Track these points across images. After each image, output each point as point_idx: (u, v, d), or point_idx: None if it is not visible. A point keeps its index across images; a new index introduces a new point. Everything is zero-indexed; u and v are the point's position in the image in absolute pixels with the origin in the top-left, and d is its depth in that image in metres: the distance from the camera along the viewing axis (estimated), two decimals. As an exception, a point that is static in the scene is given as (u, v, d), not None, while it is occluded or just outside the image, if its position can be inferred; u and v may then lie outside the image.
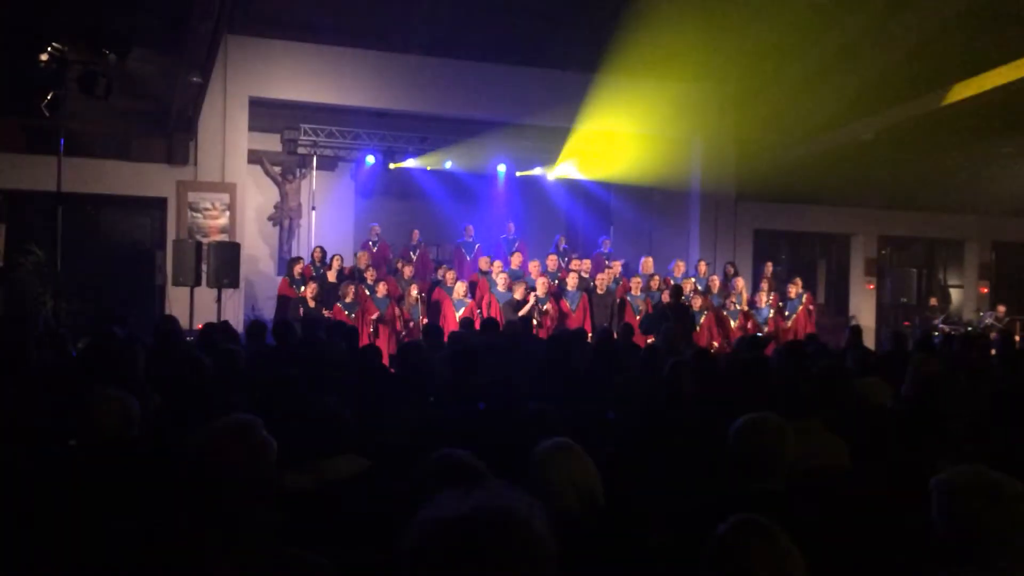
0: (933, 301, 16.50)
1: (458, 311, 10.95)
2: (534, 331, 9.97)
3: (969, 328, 14.63)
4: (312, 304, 10.71)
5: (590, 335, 10.04)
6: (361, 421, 3.90)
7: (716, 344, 11.27)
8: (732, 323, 11.91)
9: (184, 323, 9.61)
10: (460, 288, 11.22)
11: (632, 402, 4.44)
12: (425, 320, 10.83)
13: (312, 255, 12.59)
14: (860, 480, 3.33)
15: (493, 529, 1.27)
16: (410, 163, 15.19)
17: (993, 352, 8.68)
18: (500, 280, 11.21)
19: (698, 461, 3.47)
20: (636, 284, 11.89)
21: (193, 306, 10.97)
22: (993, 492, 2.25)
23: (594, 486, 2.78)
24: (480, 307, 11.18)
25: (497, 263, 12.19)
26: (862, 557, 2.66)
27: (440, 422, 4.21)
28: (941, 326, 14.87)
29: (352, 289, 10.97)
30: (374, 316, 10.75)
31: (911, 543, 2.54)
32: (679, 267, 13.04)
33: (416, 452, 2.79)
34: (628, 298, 11.73)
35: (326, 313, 10.65)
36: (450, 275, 11.73)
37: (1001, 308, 15.35)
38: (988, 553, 2.19)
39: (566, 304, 11.34)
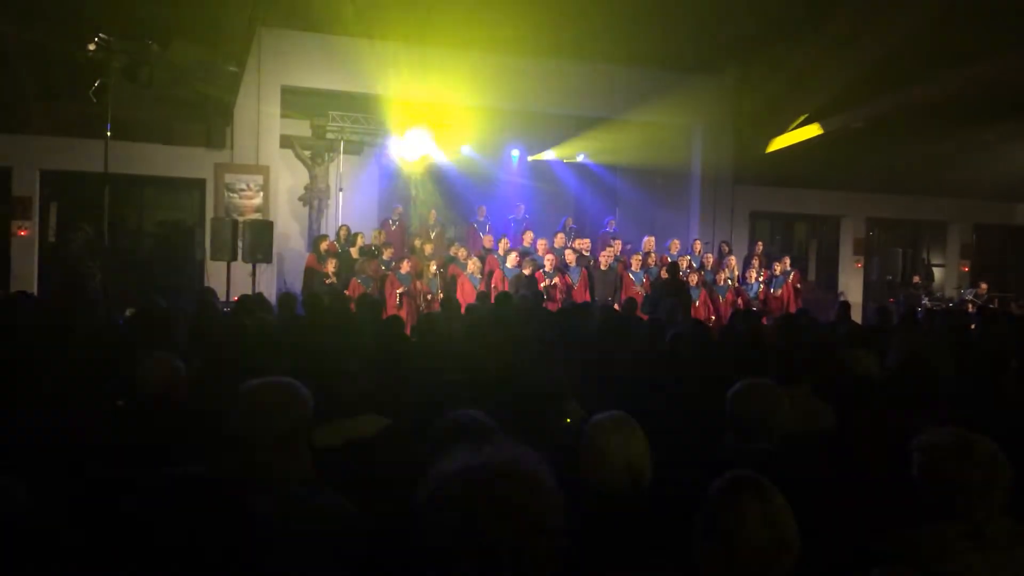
0: (916, 279, 16.38)
1: (475, 285, 11.01)
2: (545, 303, 9.99)
3: (950, 304, 14.53)
4: (334, 279, 10.74)
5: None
6: (383, 384, 3.91)
7: (712, 318, 11.25)
8: (721, 298, 11.91)
9: (221, 295, 9.65)
10: (473, 264, 11.27)
11: (638, 369, 4.43)
12: (442, 294, 10.89)
13: (338, 233, 12.61)
14: (846, 442, 3.32)
15: (502, 480, 1.27)
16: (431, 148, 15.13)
17: (972, 326, 8.63)
18: (510, 257, 11.25)
19: (696, 422, 3.47)
20: (636, 260, 11.88)
21: (230, 279, 11.01)
22: (968, 451, 2.24)
23: (645, 464, 2.62)
24: (491, 282, 11.22)
25: (504, 241, 12.21)
26: (848, 513, 2.65)
27: (455, 385, 4.22)
28: (924, 302, 14.76)
29: (370, 265, 11.01)
30: (400, 290, 10.83)
31: (893, 500, 2.53)
32: (675, 245, 13.02)
33: (433, 412, 2.80)
34: (629, 273, 11.73)
35: (347, 293, 10.70)
36: (462, 252, 11.78)
37: (983, 286, 15.24)
38: (964, 508, 2.18)
39: (568, 279, 11.37)
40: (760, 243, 14.00)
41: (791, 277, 12.63)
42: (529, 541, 1.26)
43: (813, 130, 13.51)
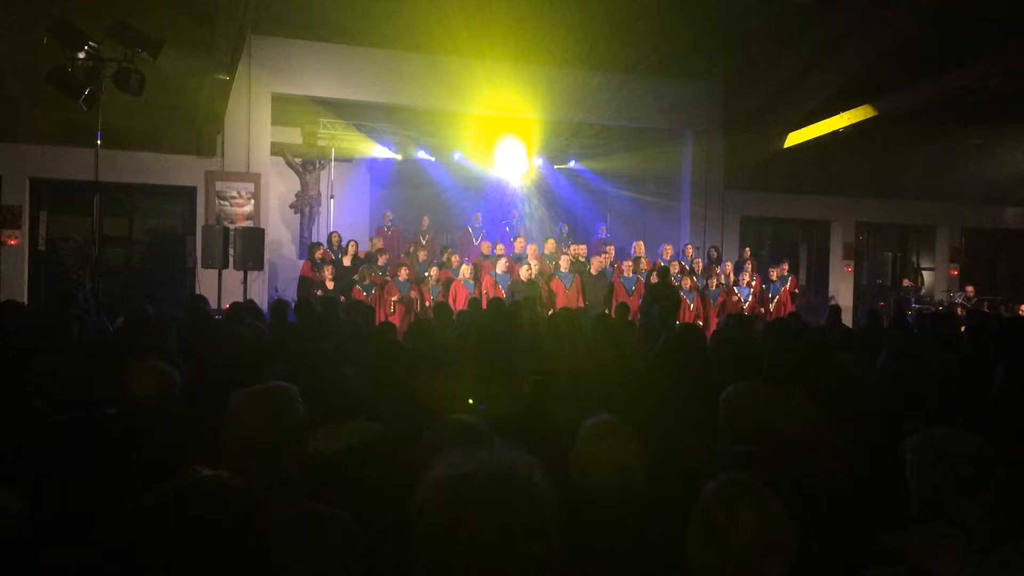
0: (906, 282, 16.47)
1: (469, 291, 11.03)
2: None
3: (940, 307, 14.61)
4: (330, 286, 10.74)
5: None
6: (376, 390, 3.90)
7: (700, 323, 11.28)
8: (712, 303, 11.95)
9: (213, 303, 9.62)
10: (466, 270, 11.28)
11: (630, 372, 4.44)
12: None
13: (329, 240, 12.59)
14: (838, 444, 3.33)
15: (495, 484, 1.27)
16: (421, 155, 15.16)
17: (962, 328, 8.68)
18: (500, 263, 11.28)
19: (689, 425, 3.47)
20: (627, 266, 11.90)
21: (221, 287, 10.98)
22: (959, 451, 2.26)
23: (638, 467, 2.60)
24: (482, 287, 11.23)
25: (499, 247, 12.25)
26: (841, 515, 2.65)
27: (448, 390, 4.21)
28: (914, 305, 14.84)
29: (369, 272, 11.02)
30: (394, 297, 10.83)
31: (885, 501, 2.54)
32: (667, 250, 13.04)
33: (426, 418, 2.79)
34: (620, 279, 11.75)
35: (342, 299, 10.69)
36: (455, 258, 11.80)
37: (970, 289, 15.36)
38: (956, 508, 2.19)
39: (560, 284, 11.38)
40: (747, 249, 14.03)
41: (788, 283, 12.70)
42: (523, 545, 1.26)
43: (841, 119, 13.08)
